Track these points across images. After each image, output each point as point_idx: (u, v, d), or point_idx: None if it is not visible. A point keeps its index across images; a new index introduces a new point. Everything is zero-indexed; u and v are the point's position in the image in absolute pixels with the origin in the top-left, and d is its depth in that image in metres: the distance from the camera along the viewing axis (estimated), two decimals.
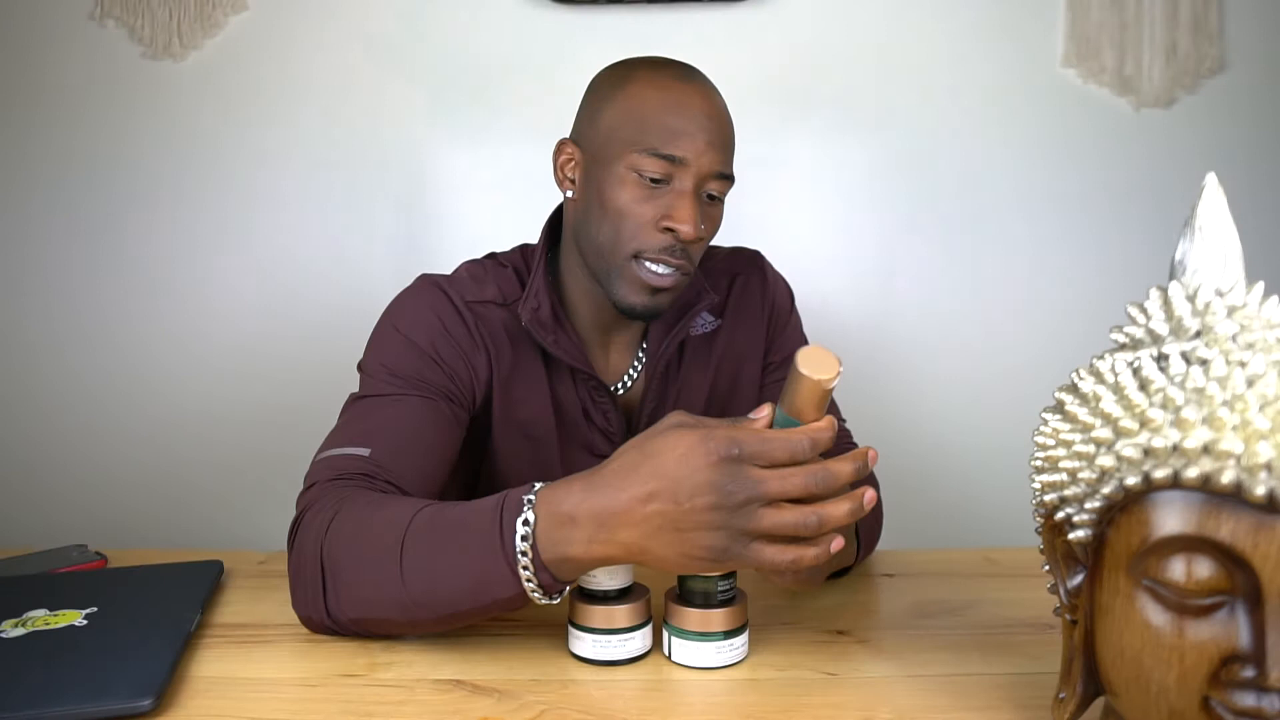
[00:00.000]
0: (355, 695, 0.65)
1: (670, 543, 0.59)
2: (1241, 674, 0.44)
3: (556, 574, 0.62)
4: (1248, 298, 0.48)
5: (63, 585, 0.82)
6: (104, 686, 0.62)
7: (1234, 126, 1.58)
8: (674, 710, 0.63)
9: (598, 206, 0.88)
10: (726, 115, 0.88)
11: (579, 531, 0.60)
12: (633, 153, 0.85)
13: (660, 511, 0.58)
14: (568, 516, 0.61)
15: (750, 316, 1.02)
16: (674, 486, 0.58)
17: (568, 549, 0.61)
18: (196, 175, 1.58)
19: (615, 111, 0.87)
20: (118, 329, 1.60)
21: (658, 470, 0.58)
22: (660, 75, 0.87)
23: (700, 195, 0.86)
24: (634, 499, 0.59)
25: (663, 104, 0.85)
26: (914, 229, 1.60)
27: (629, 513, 0.59)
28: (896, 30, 1.57)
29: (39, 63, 1.56)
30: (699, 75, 0.89)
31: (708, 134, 0.85)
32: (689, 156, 0.84)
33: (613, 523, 0.60)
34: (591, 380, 0.93)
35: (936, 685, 0.66)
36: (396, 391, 0.85)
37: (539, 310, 0.91)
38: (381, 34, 1.57)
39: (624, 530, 0.59)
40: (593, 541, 0.60)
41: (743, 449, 0.57)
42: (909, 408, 1.60)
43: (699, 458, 0.57)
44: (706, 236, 0.88)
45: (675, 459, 0.58)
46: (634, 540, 0.59)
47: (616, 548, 0.60)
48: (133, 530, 1.61)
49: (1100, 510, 0.48)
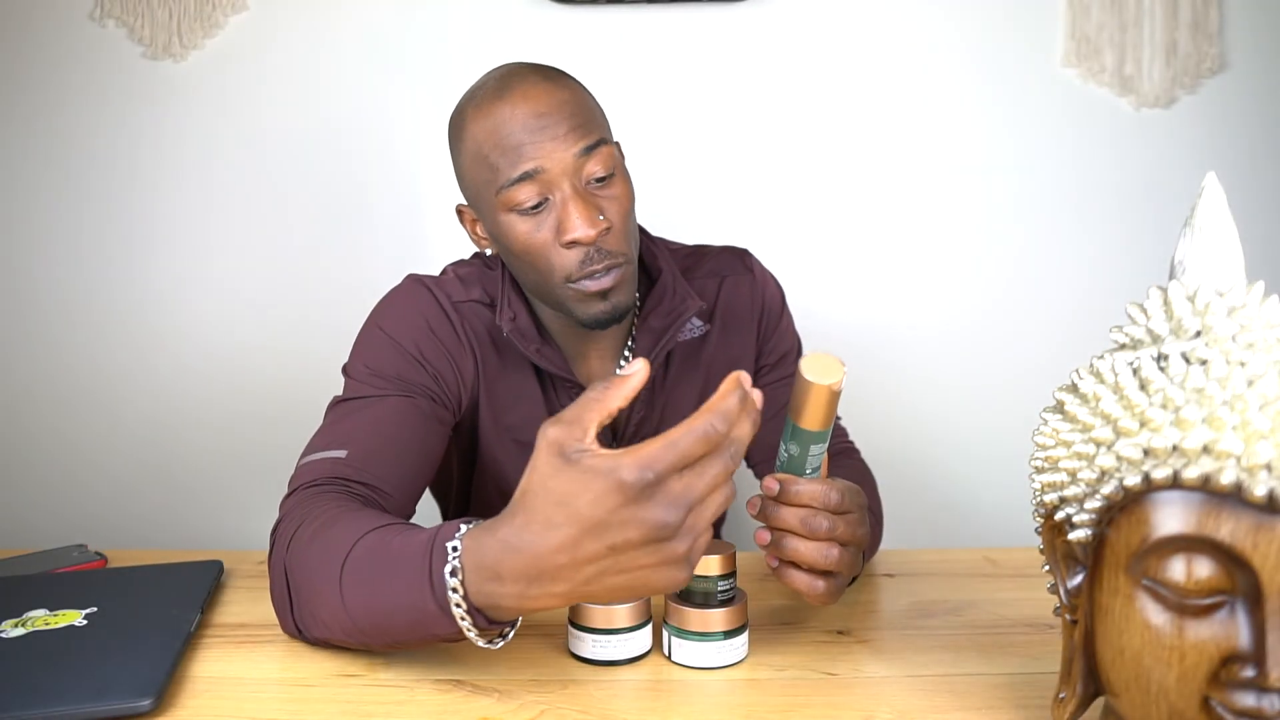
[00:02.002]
0: (355, 695, 0.65)
1: (618, 585, 0.54)
2: (1241, 674, 0.44)
3: (494, 618, 0.59)
4: (1248, 298, 0.48)
5: (63, 585, 0.82)
6: (104, 686, 0.62)
7: (1234, 126, 1.58)
8: (674, 710, 0.63)
9: (509, 254, 0.86)
10: (563, 94, 0.82)
11: (508, 587, 0.55)
12: (497, 194, 0.82)
13: (592, 559, 0.52)
14: (492, 572, 0.56)
15: (740, 321, 1.00)
16: (599, 531, 0.51)
17: (500, 601, 0.56)
18: (196, 175, 1.58)
19: (465, 163, 0.85)
20: (117, 328, 1.60)
21: (574, 517, 0.52)
22: (480, 103, 0.83)
23: (582, 191, 0.81)
24: (558, 550, 0.53)
25: (493, 133, 0.81)
26: (912, 229, 1.60)
27: (557, 567, 0.53)
28: (896, 30, 1.57)
29: (39, 63, 1.56)
30: (517, 76, 0.83)
31: (548, 130, 0.80)
32: (542, 164, 0.80)
33: (543, 578, 0.54)
34: (576, 388, 0.92)
35: (936, 685, 0.66)
36: (377, 392, 0.84)
37: (517, 320, 0.89)
38: (382, 34, 1.57)
39: (557, 584, 0.54)
40: (524, 597, 0.55)
41: (656, 470, 0.51)
42: (908, 408, 1.60)
43: (613, 498, 0.51)
44: (616, 221, 0.83)
45: (589, 503, 0.51)
46: (572, 589, 0.54)
47: (554, 599, 0.55)
48: (133, 530, 1.61)
49: (1100, 510, 0.48)
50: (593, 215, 0.81)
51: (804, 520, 0.67)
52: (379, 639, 0.65)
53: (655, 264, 0.96)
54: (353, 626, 0.64)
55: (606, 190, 0.83)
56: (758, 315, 1.01)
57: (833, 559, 0.67)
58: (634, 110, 1.53)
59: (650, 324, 0.93)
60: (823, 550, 0.67)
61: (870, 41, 1.57)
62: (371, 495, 0.77)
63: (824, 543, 0.67)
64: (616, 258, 0.83)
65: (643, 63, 1.55)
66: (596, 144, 0.82)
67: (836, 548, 0.68)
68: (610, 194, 0.83)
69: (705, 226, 1.49)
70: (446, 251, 1.57)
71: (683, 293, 0.94)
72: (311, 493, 0.74)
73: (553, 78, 0.83)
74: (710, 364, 0.98)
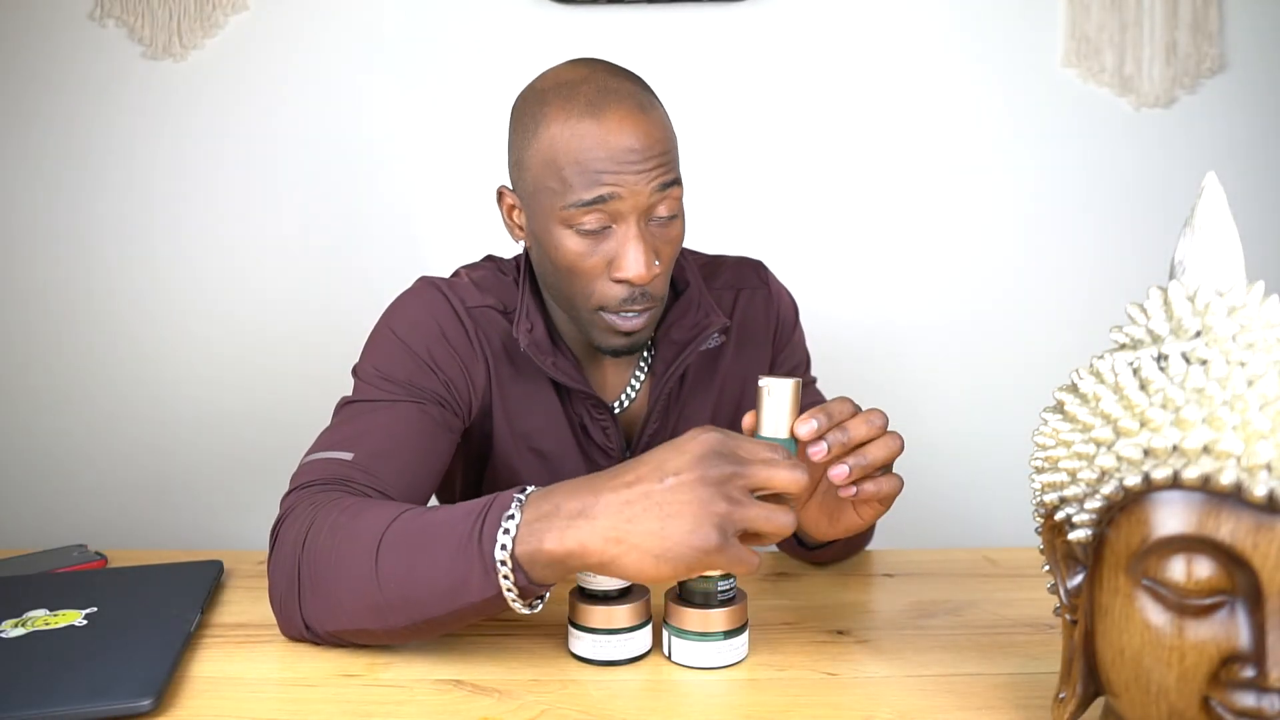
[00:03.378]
0: (355, 695, 0.65)
1: (649, 532, 0.57)
2: (1241, 674, 0.44)
3: (531, 572, 0.61)
4: (1248, 298, 0.48)
5: (63, 585, 0.82)
6: (104, 686, 0.62)
7: (1234, 126, 1.58)
8: (674, 710, 0.63)
9: (548, 260, 0.84)
10: (655, 127, 0.80)
11: (557, 520, 0.59)
12: (561, 209, 0.79)
13: (643, 492, 0.58)
14: (552, 508, 0.60)
15: (755, 336, 0.99)
16: (658, 466, 0.58)
17: (542, 540, 0.59)
18: (195, 175, 1.58)
19: (533, 161, 0.82)
20: (117, 329, 1.60)
21: (648, 458, 0.59)
22: (568, 111, 0.79)
23: (644, 228, 0.81)
24: (619, 484, 0.59)
25: (576, 150, 0.78)
26: (912, 229, 1.60)
27: (611, 496, 0.59)
28: (896, 31, 1.57)
29: (39, 63, 1.56)
30: (614, 95, 0.79)
31: (635, 165, 0.78)
32: (619, 193, 0.78)
33: (593, 509, 0.59)
34: (590, 399, 0.91)
35: (936, 685, 0.66)
36: (388, 397, 0.84)
37: (533, 331, 0.88)
38: (382, 34, 1.57)
39: (603, 517, 0.58)
40: (567, 529, 0.59)
41: (734, 439, 0.59)
42: (908, 408, 1.60)
43: (688, 442, 0.59)
44: (665, 264, 0.83)
45: (668, 447, 0.60)
46: (611, 527, 0.58)
47: (592, 536, 0.58)
48: (133, 530, 1.61)
49: (1100, 510, 0.48)
50: (650, 259, 0.80)
51: (867, 421, 0.66)
52: (406, 617, 0.64)
53: (682, 276, 0.96)
54: (382, 603, 0.64)
55: (665, 230, 0.83)
56: (773, 330, 1.01)
57: (896, 447, 0.67)
58: None
59: (672, 336, 0.92)
60: (888, 443, 0.66)
61: (870, 42, 1.57)
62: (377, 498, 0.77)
63: (888, 435, 0.67)
64: (654, 301, 0.83)
65: (643, 63, 1.55)
66: (672, 183, 0.81)
67: (897, 437, 0.67)
68: (668, 235, 0.83)
69: (704, 226, 1.49)
70: (447, 251, 1.58)
71: (707, 308, 0.93)
72: (314, 491, 0.74)
73: (647, 108, 0.80)
74: (725, 378, 0.98)
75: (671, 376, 0.91)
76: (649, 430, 0.94)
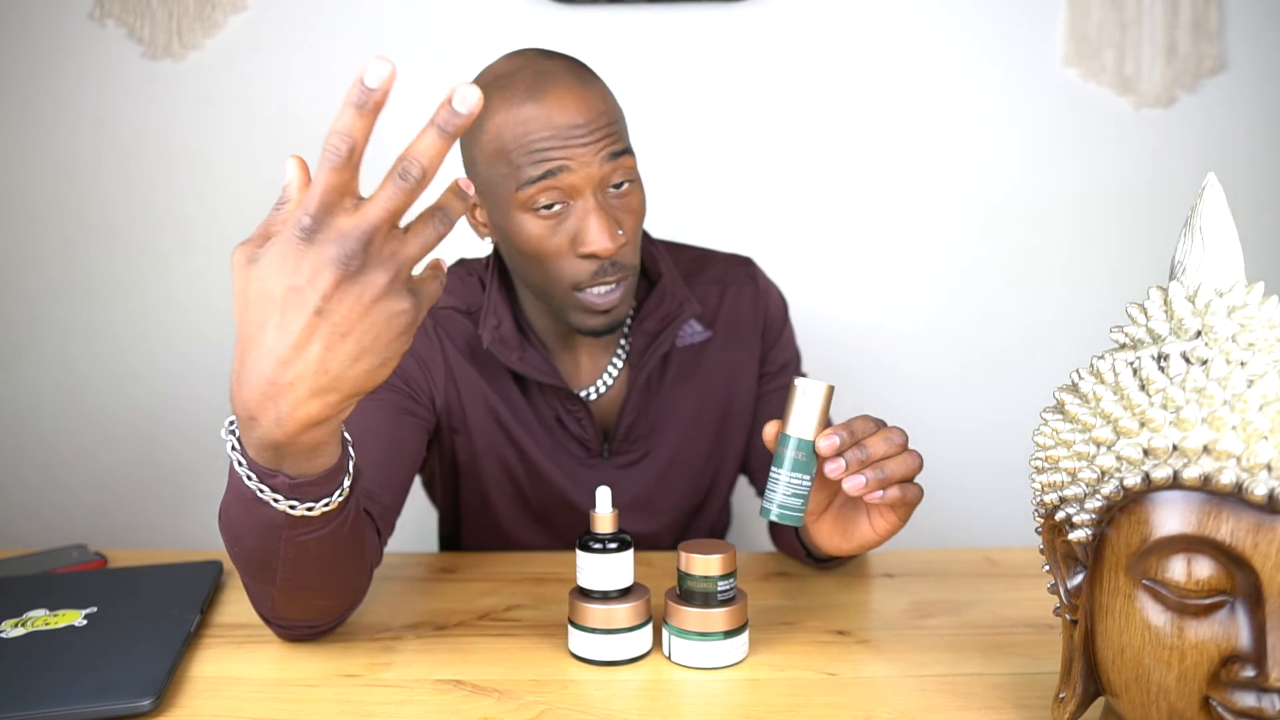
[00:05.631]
0: (355, 695, 0.65)
1: (353, 352, 0.50)
2: (1241, 674, 0.44)
3: (291, 471, 0.56)
4: (1248, 298, 0.48)
5: (63, 585, 0.82)
6: (104, 686, 0.62)
7: (1234, 126, 1.58)
8: (674, 710, 0.63)
9: (515, 250, 0.84)
10: (595, 100, 0.80)
11: (265, 421, 0.52)
12: (515, 191, 0.80)
13: (308, 336, 0.49)
14: (247, 417, 0.53)
15: (742, 332, 0.99)
16: (294, 298, 0.48)
17: (270, 439, 0.53)
18: (196, 175, 1.58)
19: (484, 155, 0.82)
20: (118, 328, 1.60)
21: (268, 304, 0.49)
22: (510, 100, 0.79)
23: (603, 201, 0.81)
24: (273, 348, 0.49)
25: (519, 133, 0.78)
26: (911, 229, 1.60)
27: (284, 365, 0.50)
28: (895, 31, 1.57)
29: (39, 62, 1.56)
30: (550, 77, 0.80)
31: (579, 139, 0.78)
32: (568, 165, 0.78)
33: (283, 390, 0.50)
34: (561, 391, 0.92)
35: (936, 685, 0.66)
36: None
37: (500, 328, 0.89)
38: (382, 34, 1.57)
39: (299, 386, 0.50)
40: (282, 421, 0.52)
41: (310, 211, 0.48)
42: (908, 408, 1.60)
43: (286, 259, 0.48)
44: (629, 234, 0.83)
45: (271, 278, 0.49)
46: (316, 384, 0.50)
47: (309, 405, 0.51)
48: (133, 530, 1.61)
49: (1100, 510, 0.48)
50: (612, 229, 0.80)
51: (886, 439, 0.66)
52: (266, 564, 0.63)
53: (655, 267, 0.96)
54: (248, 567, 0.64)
55: (624, 200, 0.83)
56: (760, 327, 1.00)
57: (915, 465, 0.67)
58: (634, 110, 1.53)
59: (645, 326, 0.93)
60: (907, 461, 0.66)
61: (870, 42, 1.57)
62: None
63: (907, 453, 0.67)
64: (626, 270, 0.84)
65: (642, 62, 1.55)
66: (622, 152, 0.81)
67: (916, 455, 0.67)
68: (627, 204, 0.83)
69: (704, 226, 1.49)
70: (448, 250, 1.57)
71: (680, 296, 0.93)
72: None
73: (586, 82, 0.82)
74: (710, 372, 0.98)
75: (648, 363, 0.92)
76: (626, 419, 0.95)
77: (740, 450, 1.02)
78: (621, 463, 0.97)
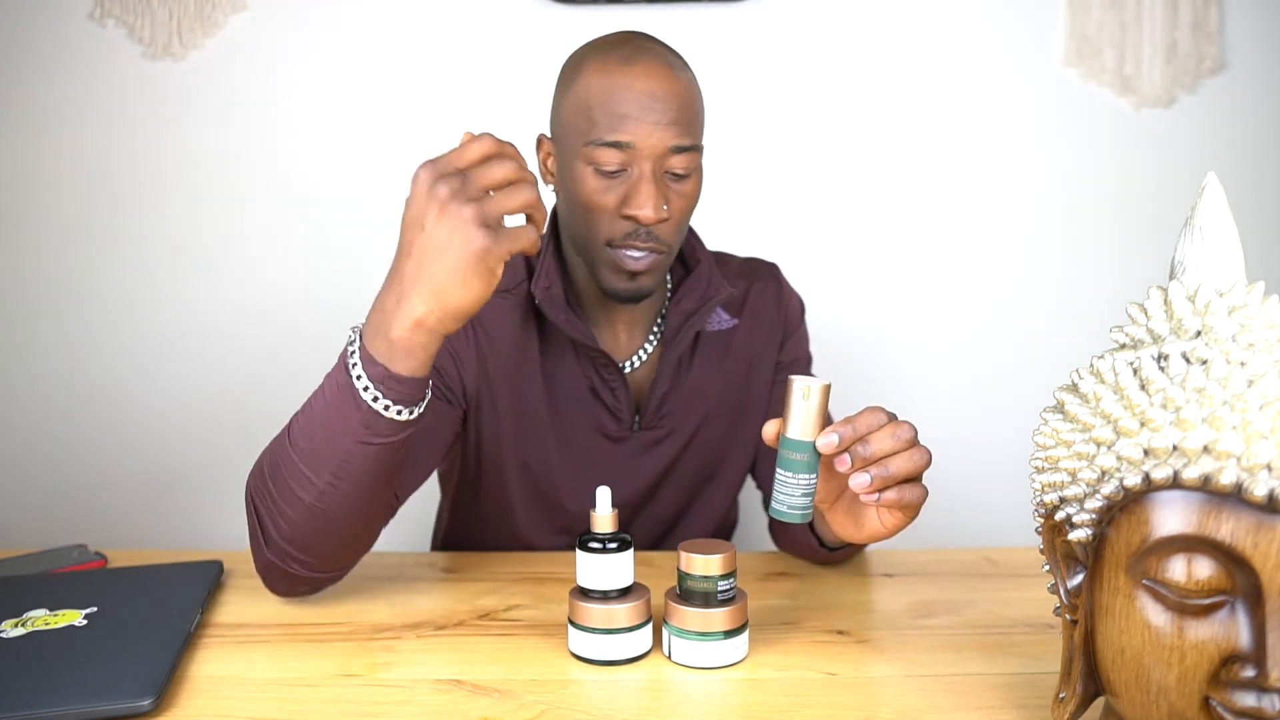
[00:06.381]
0: (355, 695, 0.65)
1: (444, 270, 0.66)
2: (1242, 674, 0.44)
3: (392, 365, 0.68)
4: (1248, 298, 0.48)
5: (63, 585, 0.82)
6: (104, 686, 0.62)
7: (1234, 126, 1.58)
8: (674, 710, 0.63)
9: (569, 199, 0.89)
10: (680, 88, 0.86)
11: (389, 316, 0.68)
12: (585, 146, 0.85)
13: (418, 249, 0.66)
14: (380, 315, 0.68)
15: (765, 318, 1.04)
16: (410, 224, 0.67)
17: (388, 334, 0.68)
18: (196, 175, 1.58)
19: (568, 105, 0.88)
20: (119, 328, 1.60)
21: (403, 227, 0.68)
22: (606, 61, 0.86)
23: (660, 176, 0.86)
24: (402, 260, 0.68)
25: (606, 92, 0.84)
26: (911, 229, 1.60)
27: (406, 270, 0.67)
28: (895, 31, 1.57)
29: (39, 62, 1.56)
30: (648, 52, 0.87)
31: (655, 114, 0.84)
32: (637, 140, 0.84)
33: (404, 289, 0.67)
34: (601, 358, 0.94)
35: (936, 685, 0.66)
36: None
37: (550, 289, 0.92)
38: (382, 33, 1.57)
39: (411, 286, 0.67)
40: (397, 314, 0.67)
41: (444, 159, 0.67)
42: (908, 409, 1.59)
43: (413, 189, 0.67)
44: (675, 215, 0.88)
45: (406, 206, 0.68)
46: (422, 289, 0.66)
47: (415, 305, 0.67)
48: (133, 530, 1.61)
49: (1100, 510, 0.48)
50: (659, 201, 0.85)
51: (893, 434, 0.66)
52: (322, 462, 0.70)
53: (694, 255, 1.01)
54: (300, 468, 0.71)
55: (680, 184, 0.88)
56: (781, 322, 1.05)
57: (922, 461, 0.67)
58: None
59: (682, 305, 0.97)
60: (914, 457, 0.66)
61: (870, 42, 1.57)
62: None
63: (914, 448, 0.66)
64: (660, 245, 0.87)
65: None
66: (690, 147, 0.86)
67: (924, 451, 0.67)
68: (682, 189, 0.88)
69: (703, 226, 1.49)
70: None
71: (717, 282, 0.98)
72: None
73: (678, 68, 0.87)
74: (737, 354, 1.02)
75: (681, 341, 0.95)
76: (659, 391, 0.97)
77: (754, 439, 1.05)
78: (649, 439, 0.99)
